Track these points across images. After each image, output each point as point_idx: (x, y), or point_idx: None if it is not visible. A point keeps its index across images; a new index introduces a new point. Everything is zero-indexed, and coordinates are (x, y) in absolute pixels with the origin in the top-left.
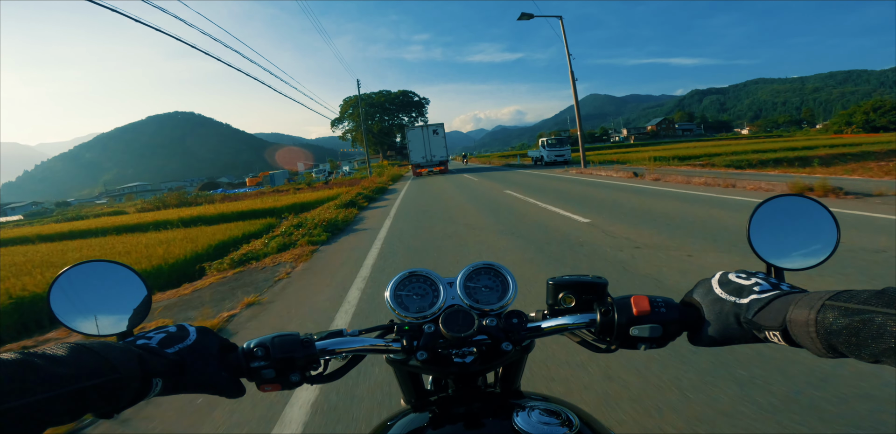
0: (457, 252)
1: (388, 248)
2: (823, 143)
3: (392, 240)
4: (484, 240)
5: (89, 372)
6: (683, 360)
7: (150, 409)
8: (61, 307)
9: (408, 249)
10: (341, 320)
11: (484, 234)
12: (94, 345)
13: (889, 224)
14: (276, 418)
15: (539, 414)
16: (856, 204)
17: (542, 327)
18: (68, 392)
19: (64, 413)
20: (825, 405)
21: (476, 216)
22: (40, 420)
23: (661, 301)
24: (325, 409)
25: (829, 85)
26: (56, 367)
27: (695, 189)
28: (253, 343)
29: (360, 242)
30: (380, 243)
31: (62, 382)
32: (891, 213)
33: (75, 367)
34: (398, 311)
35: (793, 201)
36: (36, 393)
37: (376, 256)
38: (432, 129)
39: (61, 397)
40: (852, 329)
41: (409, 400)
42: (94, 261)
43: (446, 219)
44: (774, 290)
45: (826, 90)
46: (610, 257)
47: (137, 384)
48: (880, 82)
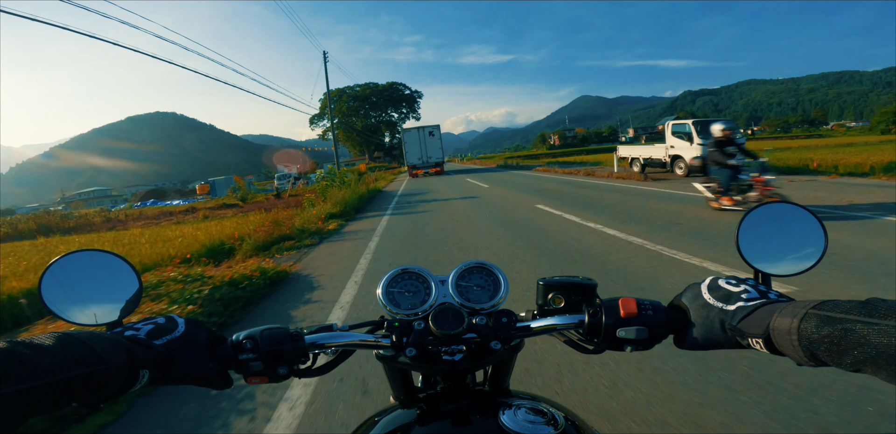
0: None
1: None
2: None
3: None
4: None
5: (76, 362)
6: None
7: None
8: (52, 295)
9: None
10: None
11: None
12: (81, 334)
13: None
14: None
15: (525, 413)
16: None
17: (532, 327)
18: (54, 381)
19: (48, 402)
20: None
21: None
22: (24, 409)
23: (649, 304)
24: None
25: (822, 86)
26: (42, 357)
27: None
28: (242, 335)
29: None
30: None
31: (48, 372)
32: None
33: (62, 357)
34: (389, 308)
35: (781, 208)
36: (21, 382)
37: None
38: (428, 130)
39: (47, 387)
40: (834, 338)
41: (398, 396)
42: (87, 250)
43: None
44: (762, 299)
45: (821, 91)
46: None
47: (124, 375)
48: (873, 83)
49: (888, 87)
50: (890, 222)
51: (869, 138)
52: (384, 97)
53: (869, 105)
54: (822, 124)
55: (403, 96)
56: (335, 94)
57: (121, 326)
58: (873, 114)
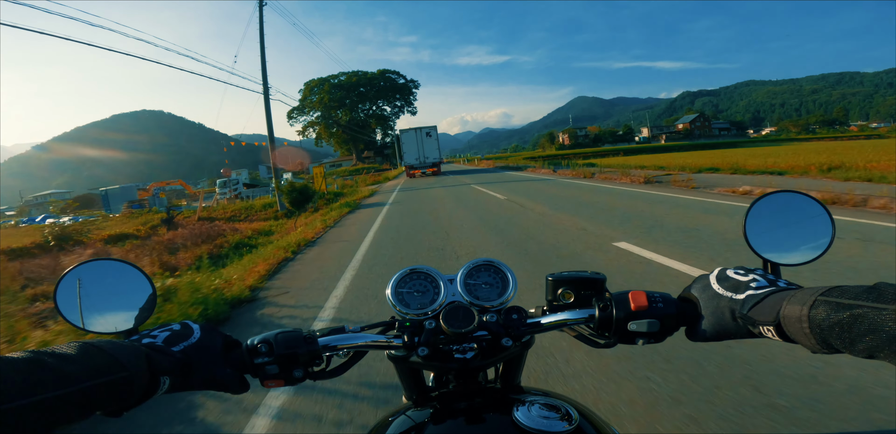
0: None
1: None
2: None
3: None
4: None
5: (99, 370)
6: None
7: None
8: (67, 305)
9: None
10: None
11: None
12: (102, 343)
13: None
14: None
15: (539, 408)
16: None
17: (542, 323)
18: (77, 390)
19: (73, 411)
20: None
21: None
22: (49, 418)
23: (659, 296)
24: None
25: (823, 87)
26: (65, 365)
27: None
28: (257, 339)
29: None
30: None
31: (71, 381)
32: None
33: (84, 366)
34: (399, 308)
35: (788, 197)
36: (45, 391)
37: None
38: (425, 131)
39: (70, 395)
40: (845, 325)
41: (411, 396)
42: (100, 259)
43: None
44: (771, 287)
45: (825, 92)
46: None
47: (145, 382)
48: (874, 84)
49: (890, 87)
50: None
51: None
52: (375, 88)
53: (874, 106)
54: (841, 124)
55: (397, 86)
56: (315, 84)
57: (137, 334)
58: (880, 115)
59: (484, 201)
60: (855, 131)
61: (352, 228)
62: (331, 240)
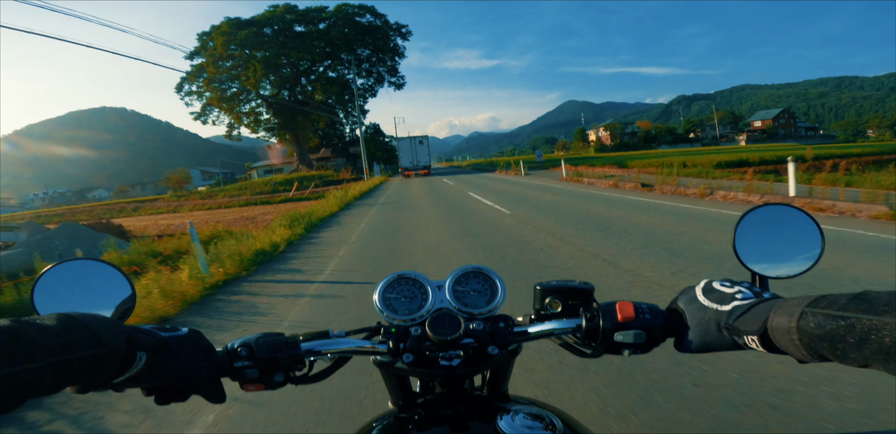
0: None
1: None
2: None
3: None
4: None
5: (75, 344)
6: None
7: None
8: (45, 306)
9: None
10: None
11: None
12: (85, 317)
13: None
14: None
15: (523, 418)
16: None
17: (529, 332)
18: (53, 363)
19: (46, 384)
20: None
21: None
22: (23, 390)
23: (646, 307)
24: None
25: (828, 91)
26: (45, 338)
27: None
28: (237, 343)
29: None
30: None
31: (49, 353)
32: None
33: (63, 339)
34: (386, 314)
35: (778, 210)
36: (22, 362)
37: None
38: (419, 139)
39: (46, 368)
40: (836, 336)
41: (396, 401)
42: (78, 259)
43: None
44: (756, 298)
45: (833, 95)
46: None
47: (119, 359)
48: (875, 89)
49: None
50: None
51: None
52: (334, 38)
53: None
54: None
55: (374, 35)
56: (225, 30)
57: None
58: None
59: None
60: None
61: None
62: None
